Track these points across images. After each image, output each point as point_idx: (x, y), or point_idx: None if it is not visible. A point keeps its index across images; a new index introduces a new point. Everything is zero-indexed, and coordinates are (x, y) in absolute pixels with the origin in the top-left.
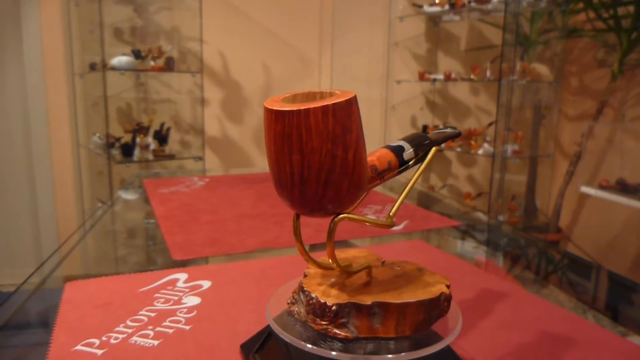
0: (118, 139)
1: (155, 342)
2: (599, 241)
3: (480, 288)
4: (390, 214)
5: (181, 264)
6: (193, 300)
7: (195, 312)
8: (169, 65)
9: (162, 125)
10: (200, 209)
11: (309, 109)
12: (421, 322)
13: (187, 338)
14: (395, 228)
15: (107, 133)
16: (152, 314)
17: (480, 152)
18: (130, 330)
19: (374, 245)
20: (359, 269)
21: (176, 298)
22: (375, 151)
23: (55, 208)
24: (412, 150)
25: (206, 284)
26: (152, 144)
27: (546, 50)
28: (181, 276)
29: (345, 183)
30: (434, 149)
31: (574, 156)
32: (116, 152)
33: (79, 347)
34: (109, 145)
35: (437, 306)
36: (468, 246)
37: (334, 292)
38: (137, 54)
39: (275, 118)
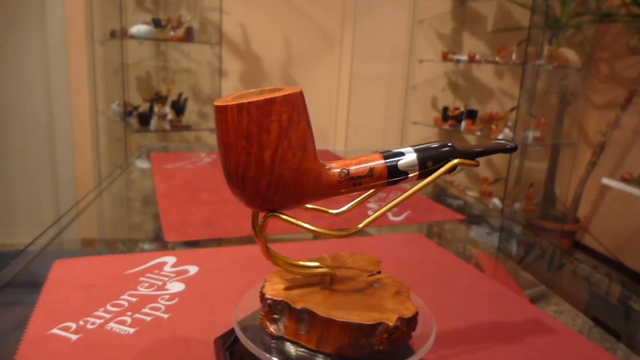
0: (136, 108)
1: (131, 330)
2: (617, 234)
3: (472, 291)
4: (360, 226)
5: (172, 246)
6: (177, 287)
7: (176, 299)
8: (189, 36)
9: (179, 95)
10: (201, 188)
11: (226, 105)
12: (346, 345)
13: (164, 328)
14: (395, 218)
15: (125, 101)
16: (134, 299)
17: (500, 137)
18: (108, 316)
19: (369, 237)
20: (307, 272)
21: (160, 283)
22: (364, 155)
23: (73, 172)
24: (415, 159)
25: (193, 269)
26: (170, 114)
27: (576, 35)
28: (169, 260)
29: (262, 181)
30: (452, 162)
31: (597, 146)
32: (134, 121)
33: (55, 331)
34: (127, 113)
35: (370, 335)
36: (471, 241)
37: (281, 288)
38: (157, 23)
39: (214, 112)
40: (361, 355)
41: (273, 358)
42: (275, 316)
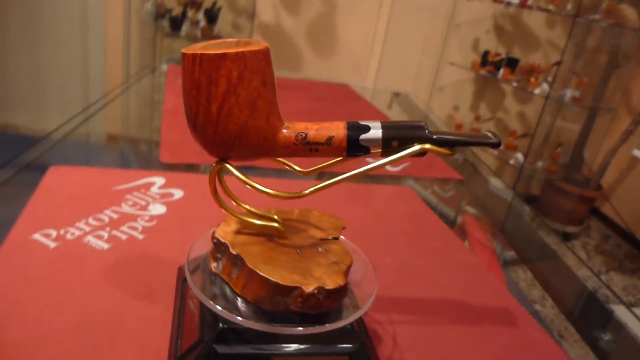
0: (169, 11)
1: (106, 246)
2: (638, 208)
3: (441, 258)
4: (305, 192)
5: (166, 167)
6: (159, 209)
7: (155, 222)
8: None
9: (214, 3)
10: None
11: (186, 54)
12: (263, 298)
13: (136, 248)
14: (392, 169)
15: (159, 2)
16: (115, 216)
17: (536, 91)
18: (88, 229)
19: (362, 183)
20: (253, 222)
21: (144, 203)
22: (329, 122)
23: (104, 66)
24: (380, 135)
25: (178, 193)
26: (202, 21)
27: None
28: (158, 180)
29: (209, 131)
30: (418, 146)
31: (638, 115)
32: (165, 24)
33: (36, 236)
34: (159, 15)
35: (285, 295)
36: (469, 203)
37: (232, 230)
38: None
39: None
40: (277, 311)
41: (198, 289)
42: (218, 255)
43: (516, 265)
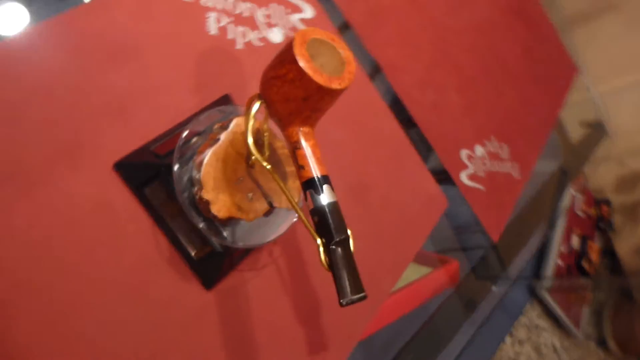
0: None
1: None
2: None
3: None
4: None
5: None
6: (276, 36)
7: (263, 44)
8: None
9: None
10: None
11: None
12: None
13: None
14: None
15: None
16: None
17: None
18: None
19: None
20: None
21: (272, 22)
22: (315, 165)
23: None
24: (317, 204)
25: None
26: None
27: None
28: (307, 10)
29: (264, 77)
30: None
31: None
32: None
33: None
34: None
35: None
36: None
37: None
38: None
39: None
40: None
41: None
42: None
43: None
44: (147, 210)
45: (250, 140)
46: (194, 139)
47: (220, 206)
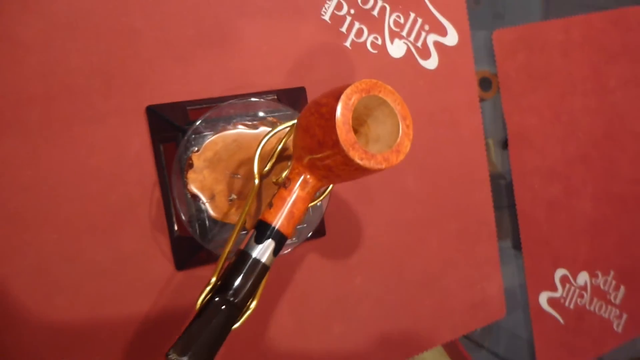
0: None
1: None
2: None
3: None
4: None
5: None
6: (399, 51)
7: (376, 51)
8: None
9: None
10: None
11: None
12: None
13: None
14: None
15: None
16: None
17: None
18: None
19: None
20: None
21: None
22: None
23: None
24: (240, 260)
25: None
26: None
27: None
28: (451, 34)
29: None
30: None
31: None
32: None
33: None
34: None
35: None
36: None
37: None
38: None
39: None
40: None
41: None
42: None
43: None
44: (156, 164)
45: (259, 149)
46: (221, 124)
47: (197, 177)
